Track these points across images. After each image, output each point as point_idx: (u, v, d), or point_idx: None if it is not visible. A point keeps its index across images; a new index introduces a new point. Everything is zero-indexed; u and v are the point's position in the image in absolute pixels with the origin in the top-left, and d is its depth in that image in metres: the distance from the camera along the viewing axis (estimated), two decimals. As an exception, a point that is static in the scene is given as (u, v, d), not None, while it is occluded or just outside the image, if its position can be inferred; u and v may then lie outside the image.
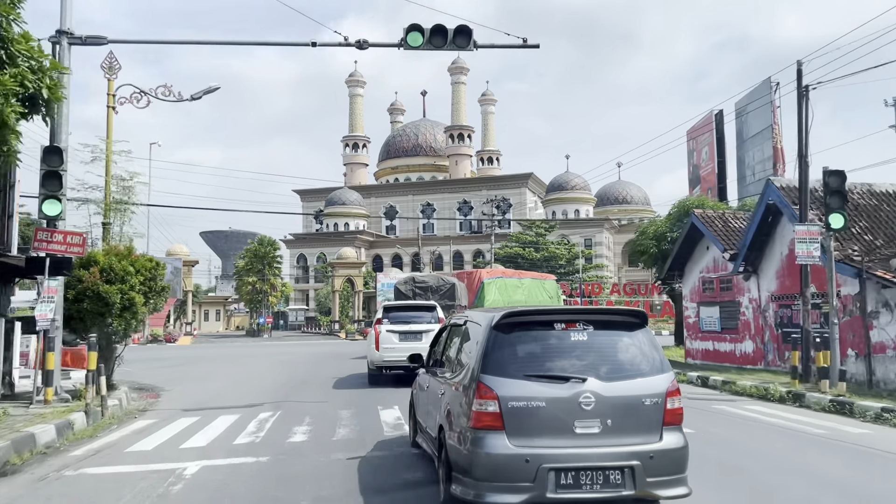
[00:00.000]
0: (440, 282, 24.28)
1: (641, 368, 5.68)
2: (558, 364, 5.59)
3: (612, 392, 5.43)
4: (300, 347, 40.16)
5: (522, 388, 5.40)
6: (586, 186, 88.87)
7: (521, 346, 5.70)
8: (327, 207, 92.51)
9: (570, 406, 5.36)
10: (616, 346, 5.80)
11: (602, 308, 9.07)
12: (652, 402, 5.52)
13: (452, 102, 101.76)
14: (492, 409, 5.35)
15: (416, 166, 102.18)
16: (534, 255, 69.41)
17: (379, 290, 58.89)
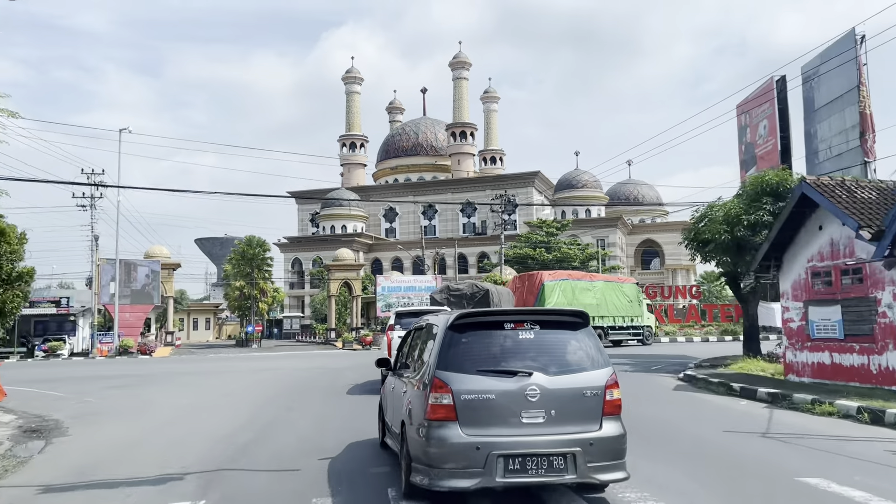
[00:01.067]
0: (474, 289, 23.25)
1: (583, 364, 6.23)
2: (507, 360, 6.10)
3: (555, 385, 5.99)
4: (288, 360, 34.38)
5: (474, 383, 5.92)
6: (597, 184, 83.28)
7: (474, 344, 6.20)
8: (323, 209, 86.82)
9: (517, 398, 5.89)
10: (560, 343, 6.35)
11: (547, 309, 9.35)
12: (592, 393, 6.08)
13: (454, 99, 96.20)
14: (446, 402, 5.86)
15: (417, 166, 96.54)
16: (545, 257, 63.70)
17: (379, 294, 53.12)
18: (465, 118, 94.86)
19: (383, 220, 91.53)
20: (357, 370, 24.11)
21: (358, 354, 39.26)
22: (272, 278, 55.97)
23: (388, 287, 52.72)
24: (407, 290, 52.80)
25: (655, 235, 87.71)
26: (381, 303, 52.38)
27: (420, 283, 53.22)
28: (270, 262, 55.25)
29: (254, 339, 52.89)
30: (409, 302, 51.83)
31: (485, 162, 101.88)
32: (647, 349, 35.69)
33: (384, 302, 52.26)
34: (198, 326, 79.99)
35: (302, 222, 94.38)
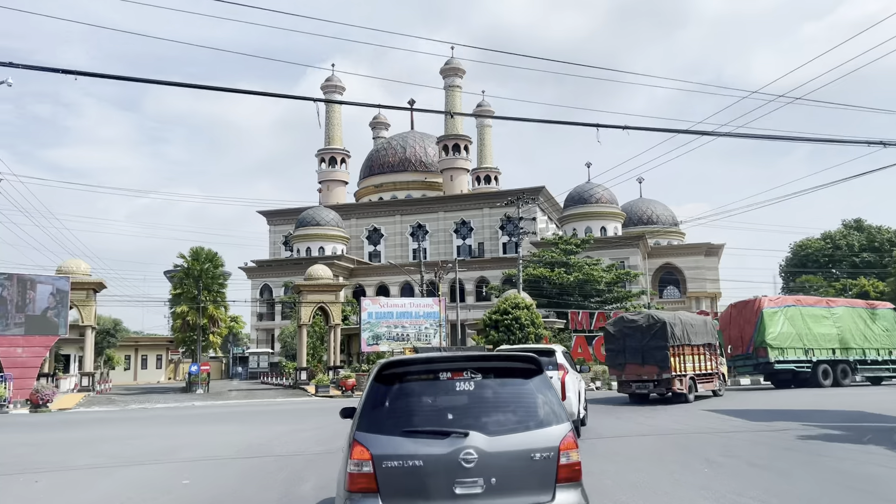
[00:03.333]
0: (651, 320, 21.57)
1: (533, 419, 4.97)
2: (440, 418, 4.90)
3: (497, 447, 4.77)
4: (225, 422, 21.33)
5: (398, 446, 4.77)
6: (613, 199, 71.34)
7: (402, 398, 5.02)
8: (298, 229, 73.88)
9: (449, 464, 4.70)
10: (505, 395, 5.12)
11: (493, 354, 6.13)
12: (543, 456, 4.82)
13: (446, 106, 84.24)
14: (366, 470, 4.74)
15: (404, 183, 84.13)
16: (564, 278, 51.20)
17: (364, 322, 40.03)
18: (458, 130, 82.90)
19: (367, 242, 78.69)
20: (332, 446, 11.45)
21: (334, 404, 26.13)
22: (226, 302, 42.56)
23: (377, 313, 39.75)
24: (401, 317, 39.88)
25: (675, 259, 75.59)
26: (367, 333, 39.38)
27: (418, 308, 40.35)
28: (223, 280, 41.96)
29: (200, 382, 39.37)
30: (404, 333, 38.87)
31: (478, 181, 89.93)
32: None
33: (371, 332, 39.27)
34: (147, 365, 66.09)
35: (274, 245, 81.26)
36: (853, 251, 60.27)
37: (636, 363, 22.25)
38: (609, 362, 25.04)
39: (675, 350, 21.71)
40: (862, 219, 63.83)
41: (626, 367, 22.79)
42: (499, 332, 37.52)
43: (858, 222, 63.85)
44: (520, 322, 37.39)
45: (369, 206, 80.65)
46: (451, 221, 76.74)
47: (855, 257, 59.66)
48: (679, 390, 21.66)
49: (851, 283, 50.34)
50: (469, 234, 76.40)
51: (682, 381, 21.74)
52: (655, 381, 21.71)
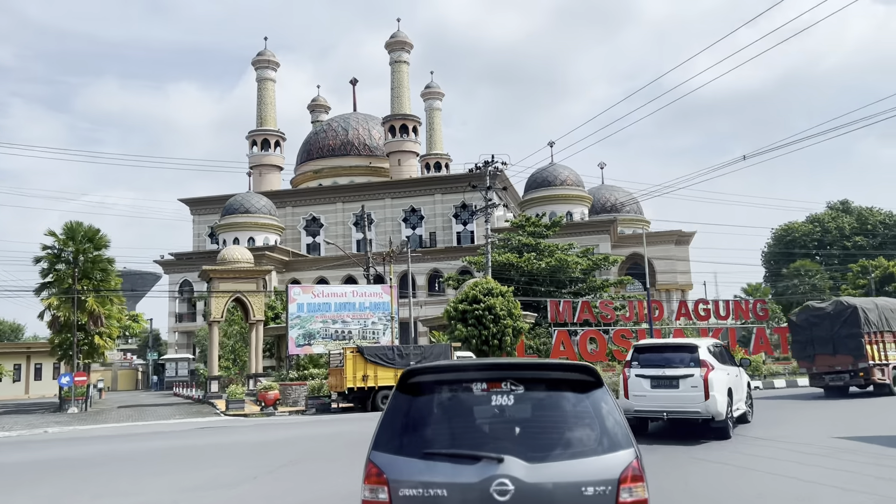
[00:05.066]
0: (839, 307, 21.06)
1: (587, 444, 3.94)
2: (470, 438, 4.02)
3: (538, 477, 3.76)
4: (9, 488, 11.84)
5: (419, 471, 3.87)
6: (578, 181, 63.56)
7: (426, 413, 4.14)
8: (225, 217, 63.81)
9: (479, 495, 3.75)
10: (553, 413, 4.10)
11: (541, 362, 4.56)
12: (597, 491, 3.76)
13: (392, 87, 75.22)
14: (382, 498, 3.90)
15: (346, 168, 74.66)
16: (535, 265, 42.80)
17: (293, 317, 30.63)
18: (405, 110, 73.89)
19: (304, 233, 68.97)
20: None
21: (242, 443, 17.03)
22: (117, 294, 32.49)
23: (310, 304, 30.44)
24: (341, 309, 30.71)
25: (643, 249, 68.10)
26: (297, 330, 30.07)
27: (363, 298, 31.25)
28: (110, 264, 31.80)
29: (75, 398, 29.28)
30: (346, 330, 29.76)
31: (428, 168, 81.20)
32: None
33: (301, 329, 29.99)
34: (42, 375, 54.85)
35: (199, 237, 70.74)
36: (844, 234, 53.69)
37: (826, 353, 21.28)
38: (796, 355, 23.93)
39: (871, 337, 20.55)
40: (849, 200, 57.48)
41: (815, 359, 21.74)
42: (467, 325, 28.77)
43: (845, 204, 57.49)
44: (494, 312, 28.70)
45: (307, 193, 70.93)
46: (399, 209, 67.72)
47: (847, 241, 53.06)
48: (881, 380, 20.29)
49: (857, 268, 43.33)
50: (419, 223, 67.52)
51: (883, 371, 20.41)
52: (851, 371, 20.56)
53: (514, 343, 29.51)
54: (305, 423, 21.60)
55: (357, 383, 24.84)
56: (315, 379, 27.94)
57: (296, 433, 17.63)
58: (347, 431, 17.20)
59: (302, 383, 27.87)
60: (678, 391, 12.65)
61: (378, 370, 25.16)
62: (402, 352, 25.75)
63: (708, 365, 12.85)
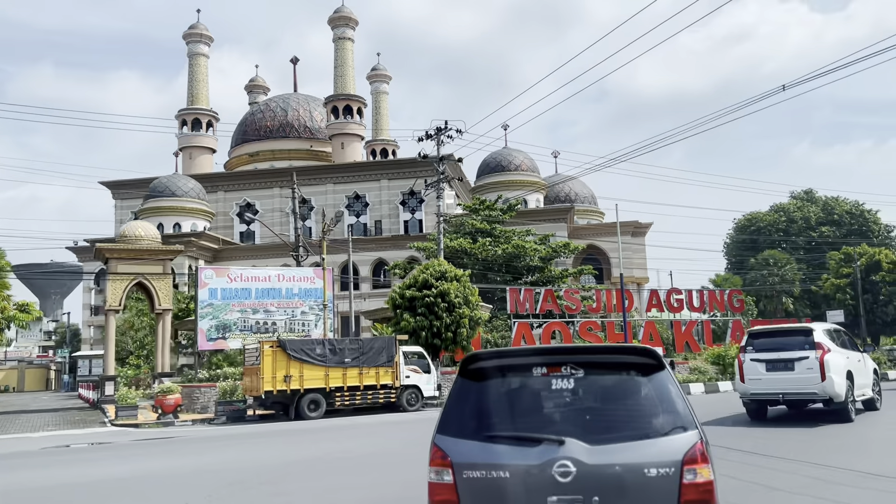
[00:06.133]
0: None
1: (649, 426, 3.88)
2: (531, 421, 4.01)
3: (600, 459, 3.73)
4: None
5: (482, 453, 3.91)
6: (534, 167, 59.35)
7: (489, 397, 4.19)
8: (148, 201, 57.42)
9: (541, 478, 3.74)
10: (614, 396, 4.10)
11: (600, 346, 4.98)
12: (660, 472, 3.68)
13: (336, 65, 69.62)
14: (447, 480, 3.94)
15: (285, 152, 68.75)
16: (491, 252, 38.23)
17: (203, 304, 25.24)
18: (350, 89, 68.44)
19: (237, 220, 62.91)
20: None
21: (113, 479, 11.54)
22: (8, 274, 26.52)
23: (225, 290, 25.07)
24: (264, 296, 25.49)
25: (599, 240, 64.28)
26: (209, 321, 24.73)
27: (291, 284, 26.09)
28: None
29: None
30: (269, 320, 24.57)
31: (373, 155, 76.20)
32: None
33: (215, 320, 24.69)
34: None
35: (120, 224, 63.63)
36: (809, 224, 50.74)
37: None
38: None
39: None
40: (813, 189, 54.70)
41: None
42: (416, 315, 23.87)
43: (810, 193, 54.68)
44: (448, 300, 23.87)
45: (241, 177, 64.81)
46: (342, 195, 62.23)
47: (812, 231, 50.11)
48: None
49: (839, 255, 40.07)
50: (364, 211, 62.23)
51: None
52: None
53: (470, 335, 24.77)
54: (197, 440, 16.36)
55: (277, 385, 19.70)
56: (228, 380, 22.64)
57: (157, 466, 12.29)
58: (235, 463, 11.84)
59: (212, 385, 22.55)
60: (794, 373, 12.85)
61: (305, 369, 20.07)
62: (336, 347, 20.71)
63: (823, 347, 12.92)
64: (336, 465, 10.91)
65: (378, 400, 21.29)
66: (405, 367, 21.79)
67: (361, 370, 20.83)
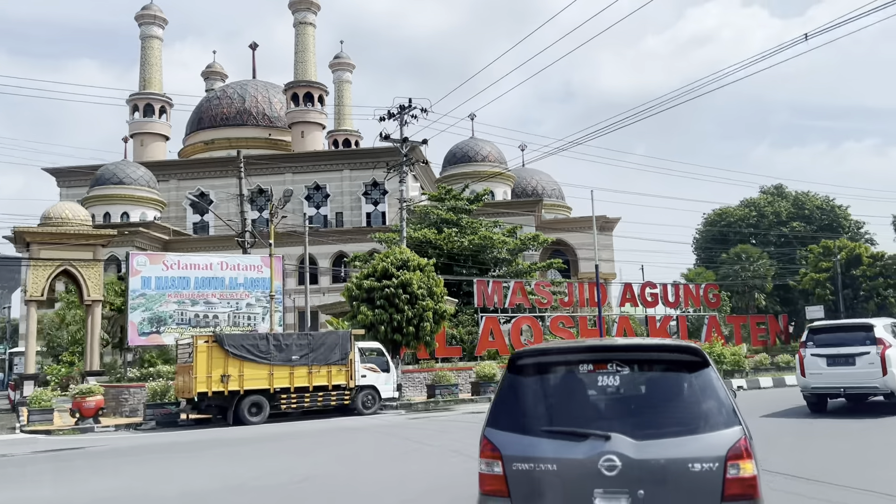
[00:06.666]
0: None
1: (693, 422, 3.95)
2: (577, 416, 4.11)
3: (645, 454, 3.81)
4: None
5: (530, 447, 4.04)
6: (501, 158, 57.28)
7: (537, 393, 4.29)
8: (95, 188, 54.02)
9: (587, 471, 3.85)
10: (659, 392, 4.20)
11: (646, 343, 4.68)
12: (704, 467, 3.77)
13: (296, 51, 66.71)
14: (496, 471, 4.10)
15: (242, 140, 65.46)
16: (457, 243, 35.97)
17: (136, 295, 22.46)
18: (311, 76, 65.57)
19: (190, 210, 59.62)
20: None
21: None
22: None
23: (160, 279, 22.34)
24: (205, 287, 22.92)
25: (566, 235, 62.46)
26: (142, 314, 22.02)
27: (236, 273, 23.55)
28: None
29: None
30: (211, 313, 21.99)
31: (336, 145, 73.66)
32: None
33: (148, 312, 21.97)
34: None
35: (65, 213, 60.05)
36: (781, 220, 49.57)
37: None
38: None
39: None
40: (783, 185, 53.63)
41: None
42: (375, 307, 21.45)
43: (780, 189, 53.58)
44: (410, 291, 21.50)
45: (194, 165, 61.53)
46: (301, 186, 59.35)
47: (783, 226, 48.93)
48: None
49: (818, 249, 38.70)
50: (324, 202, 59.56)
51: None
52: None
53: (434, 330, 22.45)
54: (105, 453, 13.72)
55: (213, 386, 17.15)
56: (160, 379, 19.98)
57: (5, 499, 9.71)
58: (117, 494, 9.17)
59: (141, 385, 19.87)
60: (854, 368, 13.12)
61: (245, 367, 17.54)
62: (282, 343, 18.18)
63: (884, 342, 13.18)
64: (253, 498, 8.50)
65: (330, 402, 18.84)
66: (361, 366, 19.39)
67: (311, 369, 18.36)
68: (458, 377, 24.20)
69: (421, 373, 24.41)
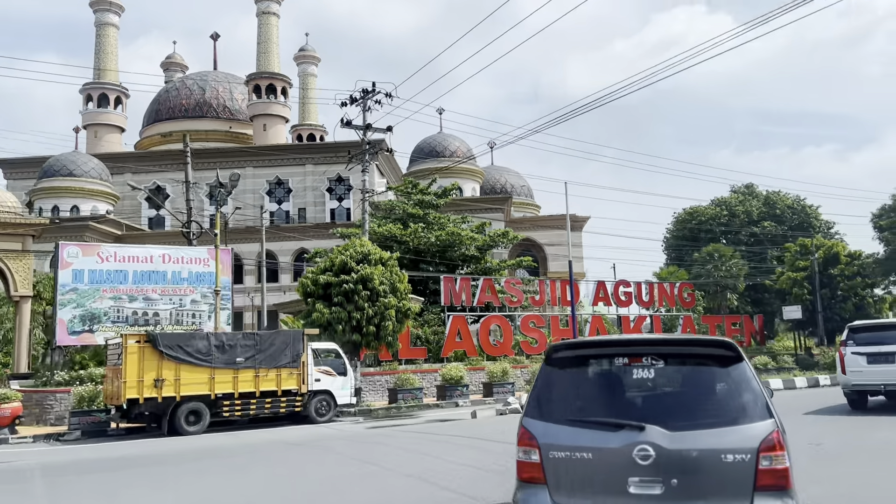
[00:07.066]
0: None
1: (726, 415, 4.07)
2: (612, 408, 4.25)
3: (678, 444, 3.92)
4: None
5: (566, 436, 4.19)
6: (470, 154, 55.54)
7: (573, 384, 4.47)
8: (43, 180, 51.21)
9: (621, 460, 3.97)
10: (692, 385, 4.29)
11: (680, 338, 5.52)
12: (737, 458, 3.88)
13: (259, 41, 64.34)
14: (534, 459, 4.25)
15: (202, 133, 62.90)
16: (424, 239, 34.24)
17: (66, 289, 20.16)
18: (274, 68, 63.26)
19: (146, 204, 56.86)
20: None
21: None
22: None
23: (95, 272, 20.17)
24: (144, 281, 20.85)
25: (535, 234, 61.07)
26: (72, 310, 19.83)
27: (179, 266, 21.44)
28: None
29: None
30: (150, 311, 19.90)
31: (300, 140, 71.30)
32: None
33: (81, 308, 19.84)
34: None
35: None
36: (752, 219, 48.77)
37: None
38: None
39: None
40: (754, 184, 52.91)
41: None
42: (332, 304, 19.58)
43: (751, 188, 52.85)
44: (371, 287, 19.68)
45: (150, 158, 58.74)
46: (262, 180, 57.17)
47: (754, 226, 48.14)
48: None
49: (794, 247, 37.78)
50: (286, 197, 57.31)
51: None
52: None
53: (397, 329, 20.64)
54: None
55: (145, 391, 15.15)
56: (90, 383, 17.86)
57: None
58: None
59: (67, 390, 17.73)
60: (894, 366, 13.29)
61: (182, 371, 15.56)
62: (224, 343, 16.22)
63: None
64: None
65: (279, 409, 16.94)
66: (315, 369, 17.50)
67: (258, 372, 16.43)
68: (423, 380, 22.46)
69: (383, 376, 22.60)
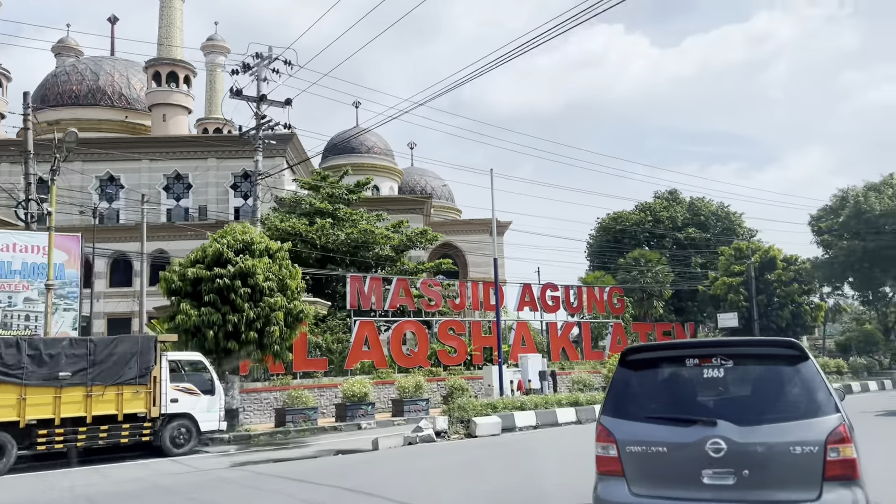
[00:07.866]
0: None
1: (794, 410, 4.32)
2: (685, 405, 4.56)
3: (749, 438, 4.22)
4: None
5: (642, 432, 4.52)
6: (388, 151, 52.15)
7: (647, 384, 4.81)
8: None
9: (695, 453, 4.28)
10: (761, 383, 4.56)
11: (747, 340, 5.86)
12: (805, 451, 4.13)
13: (160, 26, 58.90)
14: (612, 454, 4.61)
15: (94, 122, 56.87)
16: (332, 237, 30.50)
17: None
18: (177, 54, 57.96)
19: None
20: None
21: None
22: None
23: None
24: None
25: (455, 238, 58.01)
26: None
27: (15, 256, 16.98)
28: None
29: None
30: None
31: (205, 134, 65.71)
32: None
33: None
34: None
35: None
36: (676, 224, 47.31)
37: None
38: None
39: None
40: (677, 190, 51.63)
41: None
42: (202, 304, 15.64)
43: (674, 194, 51.54)
44: (253, 283, 15.87)
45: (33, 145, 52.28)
46: (159, 174, 51.76)
47: (678, 232, 46.66)
48: None
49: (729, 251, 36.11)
50: (186, 193, 52.08)
51: None
52: None
53: (287, 336, 16.83)
54: None
55: (-85, 420, 10.86)
56: None
57: None
58: None
59: None
60: None
61: (-23, 390, 11.33)
62: (42, 351, 12.09)
63: None
64: None
65: (120, 438, 12.92)
66: (171, 386, 13.58)
67: (91, 391, 12.40)
68: (321, 397, 18.78)
69: (271, 392, 18.72)
